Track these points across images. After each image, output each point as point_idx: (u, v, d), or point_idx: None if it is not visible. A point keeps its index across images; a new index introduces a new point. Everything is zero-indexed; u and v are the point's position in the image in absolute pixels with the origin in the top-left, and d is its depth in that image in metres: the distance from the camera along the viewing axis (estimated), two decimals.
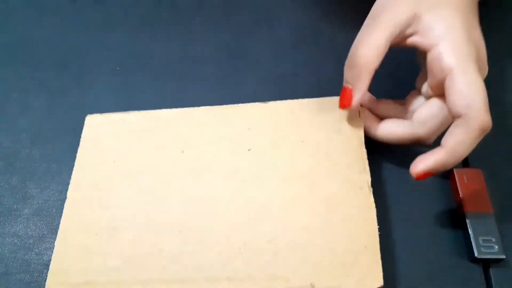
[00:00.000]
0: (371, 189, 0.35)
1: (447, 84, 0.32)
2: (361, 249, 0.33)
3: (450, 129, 0.33)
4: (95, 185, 0.38)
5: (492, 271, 0.34)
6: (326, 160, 0.37)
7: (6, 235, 0.39)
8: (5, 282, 0.36)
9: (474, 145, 0.32)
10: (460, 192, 0.36)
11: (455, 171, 0.37)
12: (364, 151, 0.37)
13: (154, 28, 0.50)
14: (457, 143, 0.32)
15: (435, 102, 0.34)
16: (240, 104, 0.41)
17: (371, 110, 0.39)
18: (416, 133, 0.35)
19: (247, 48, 0.48)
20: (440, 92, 0.34)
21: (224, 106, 0.41)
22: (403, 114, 0.38)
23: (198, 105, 0.44)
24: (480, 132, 0.31)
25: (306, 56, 0.47)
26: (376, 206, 0.35)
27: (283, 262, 0.34)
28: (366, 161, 0.36)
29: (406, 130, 0.36)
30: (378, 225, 0.36)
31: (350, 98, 0.35)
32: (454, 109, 0.31)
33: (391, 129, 0.37)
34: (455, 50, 0.32)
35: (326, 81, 0.45)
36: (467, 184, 0.36)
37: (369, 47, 0.34)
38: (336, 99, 0.38)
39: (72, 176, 0.38)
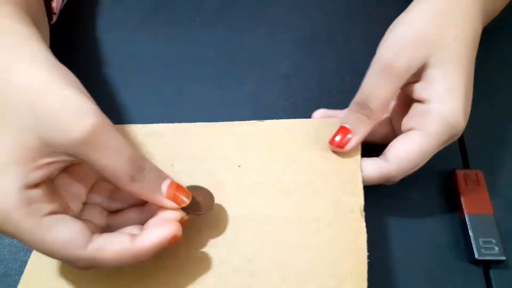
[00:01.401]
0: (363, 213, 0.33)
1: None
2: (346, 275, 0.31)
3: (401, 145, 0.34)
4: None
5: (492, 273, 0.34)
6: (318, 180, 0.35)
7: (5, 236, 0.38)
8: (4, 283, 0.36)
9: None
10: (460, 193, 0.36)
11: (455, 172, 0.37)
12: (359, 173, 0.35)
13: (154, 28, 0.50)
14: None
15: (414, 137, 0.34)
16: (235, 122, 0.39)
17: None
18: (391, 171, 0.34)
19: (247, 48, 0.48)
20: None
21: (218, 123, 0.40)
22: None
23: (198, 105, 0.44)
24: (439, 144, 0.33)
25: (306, 56, 0.47)
26: (376, 207, 0.35)
27: (261, 285, 0.32)
28: (361, 184, 0.34)
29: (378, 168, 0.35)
30: (377, 229, 0.36)
31: (347, 140, 0.35)
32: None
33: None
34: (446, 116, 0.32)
35: (326, 81, 0.45)
36: (467, 185, 0.36)
37: (380, 102, 0.34)
38: (332, 121, 0.38)
39: None
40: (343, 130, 0.35)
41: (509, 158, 0.39)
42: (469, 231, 0.35)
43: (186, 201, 0.30)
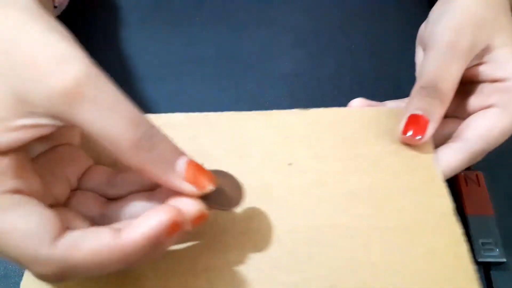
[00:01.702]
0: (457, 216, 0.29)
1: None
2: None
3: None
4: None
5: (492, 274, 0.34)
6: (390, 180, 0.30)
7: None
8: (4, 285, 0.36)
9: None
10: (460, 195, 0.36)
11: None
12: (437, 169, 0.30)
13: (154, 28, 0.50)
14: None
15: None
16: (272, 111, 0.34)
17: None
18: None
19: (247, 49, 0.47)
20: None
21: (250, 112, 0.33)
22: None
23: (198, 106, 0.44)
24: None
25: (306, 56, 0.46)
26: None
27: None
28: (442, 181, 0.30)
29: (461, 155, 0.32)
30: None
31: (425, 127, 0.30)
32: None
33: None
34: None
35: (326, 81, 0.44)
36: (467, 186, 0.36)
37: (451, 83, 0.32)
38: (395, 111, 0.33)
39: None
40: (415, 118, 0.31)
41: (509, 159, 0.39)
42: (470, 232, 0.35)
43: (209, 186, 0.23)
